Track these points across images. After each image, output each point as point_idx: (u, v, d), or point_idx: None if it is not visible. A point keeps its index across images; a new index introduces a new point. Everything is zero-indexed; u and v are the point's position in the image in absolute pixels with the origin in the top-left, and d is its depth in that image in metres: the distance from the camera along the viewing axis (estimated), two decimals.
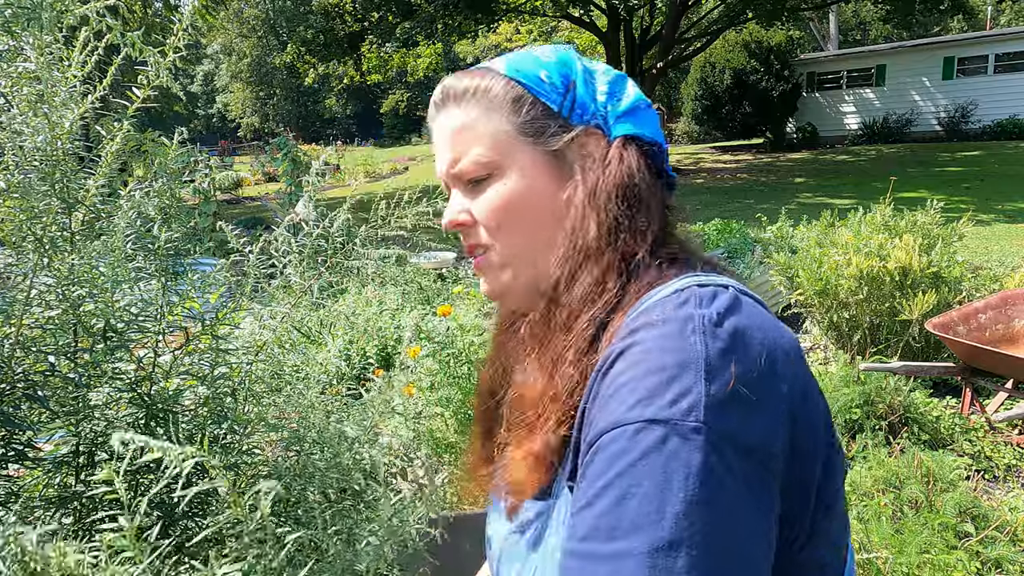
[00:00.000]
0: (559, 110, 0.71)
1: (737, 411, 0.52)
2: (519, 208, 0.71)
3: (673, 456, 0.50)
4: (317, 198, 1.46)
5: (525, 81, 0.72)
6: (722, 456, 0.50)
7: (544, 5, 18.01)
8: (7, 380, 1.01)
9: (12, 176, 1.03)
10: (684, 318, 0.57)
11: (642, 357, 0.55)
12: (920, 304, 3.78)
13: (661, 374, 0.53)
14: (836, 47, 26.64)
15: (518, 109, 0.71)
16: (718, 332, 0.55)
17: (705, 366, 0.53)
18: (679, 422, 0.51)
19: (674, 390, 0.52)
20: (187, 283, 1.20)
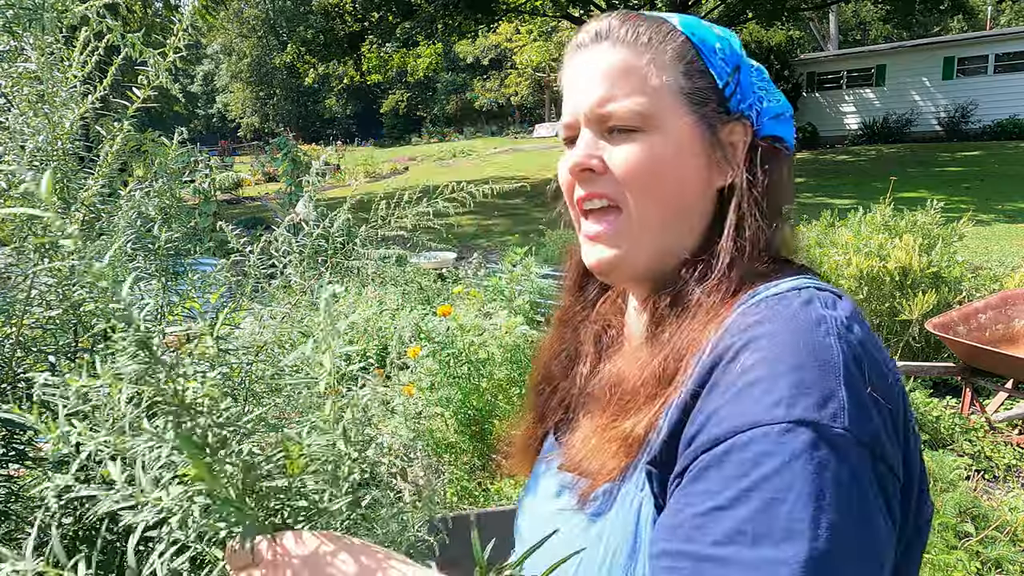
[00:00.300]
0: (723, 88, 0.68)
1: (872, 420, 0.51)
2: (664, 175, 0.66)
3: (824, 463, 0.48)
4: (317, 198, 1.46)
5: (702, 47, 0.68)
6: (865, 466, 0.49)
7: (544, 5, 18.01)
8: (7, 380, 1.01)
9: (12, 176, 1.03)
10: (816, 318, 0.55)
11: (777, 352, 0.53)
12: (920, 304, 3.78)
13: (801, 373, 0.51)
14: (836, 47, 26.64)
15: (689, 73, 0.67)
16: (850, 337, 0.54)
17: (844, 371, 0.51)
18: (828, 426, 0.49)
19: (818, 392, 0.50)
20: (187, 283, 1.20)
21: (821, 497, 0.47)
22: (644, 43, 0.67)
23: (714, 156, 0.68)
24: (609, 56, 0.68)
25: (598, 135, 0.68)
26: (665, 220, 0.67)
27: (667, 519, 0.54)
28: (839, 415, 0.49)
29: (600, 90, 0.67)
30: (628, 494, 0.63)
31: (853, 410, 0.50)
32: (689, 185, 0.67)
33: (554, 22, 21.50)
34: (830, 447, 0.49)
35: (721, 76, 0.68)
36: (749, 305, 0.61)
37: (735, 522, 0.49)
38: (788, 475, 0.48)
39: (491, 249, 8.80)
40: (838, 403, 0.50)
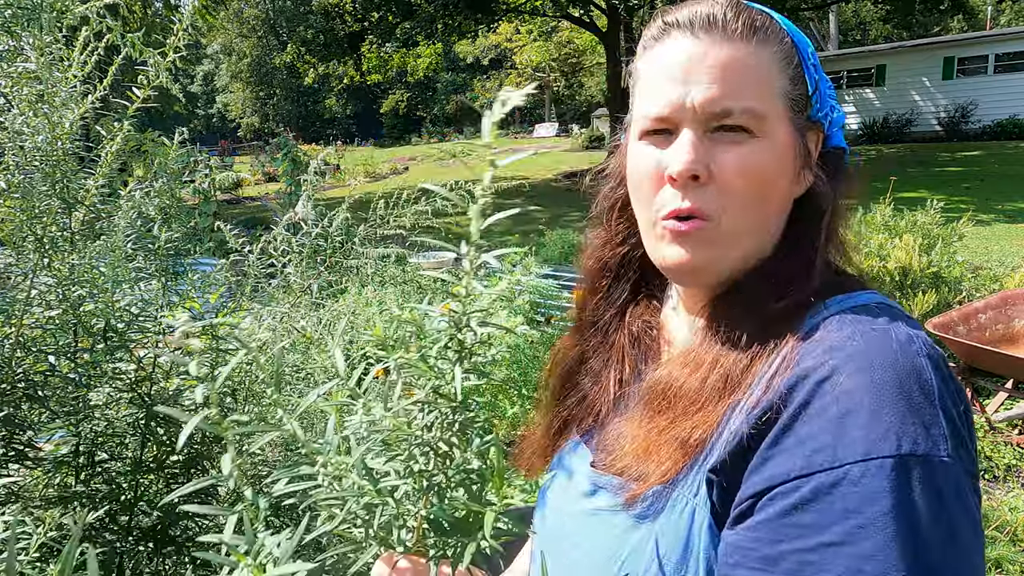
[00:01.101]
0: (811, 93, 0.67)
1: (966, 442, 0.52)
2: (767, 184, 0.64)
3: (940, 494, 0.48)
4: (317, 198, 1.46)
5: (804, 52, 0.67)
6: (969, 489, 0.50)
7: (544, 5, 18.02)
8: (7, 380, 1.01)
9: (13, 176, 1.03)
10: (907, 337, 0.54)
11: (877, 377, 0.51)
12: (920, 304, 3.78)
13: (906, 400, 0.50)
14: (836, 47, 26.64)
15: (794, 78, 0.66)
16: (936, 356, 0.54)
17: (939, 395, 0.51)
18: (937, 456, 0.49)
19: (923, 420, 0.50)
20: (187, 283, 1.20)
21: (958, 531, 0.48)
22: (761, 40, 0.64)
23: (800, 163, 0.67)
24: (726, 50, 0.63)
25: (701, 136, 0.63)
26: (753, 228, 0.65)
27: (760, 547, 0.52)
28: (941, 443, 0.49)
29: (716, 86, 0.62)
30: (680, 498, 0.61)
31: (953, 436, 0.50)
32: (781, 193, 0.66)
33: (554, 22, 21.51)
34: (943, 477, 0.48)
35: (812, 83, 0.67)
36: (826, 318, 0.60)
37: (852, 560, 0.47)
38: (907, 509, 0.47)
39: (491, 249, 8.79)
40: (940, 430, 0.50)
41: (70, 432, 1.06)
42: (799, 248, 0.65)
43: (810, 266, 0.63)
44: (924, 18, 23.27)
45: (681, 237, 0.65)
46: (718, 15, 0.64)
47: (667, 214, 0.65)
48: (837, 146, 0.71)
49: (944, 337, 3.33)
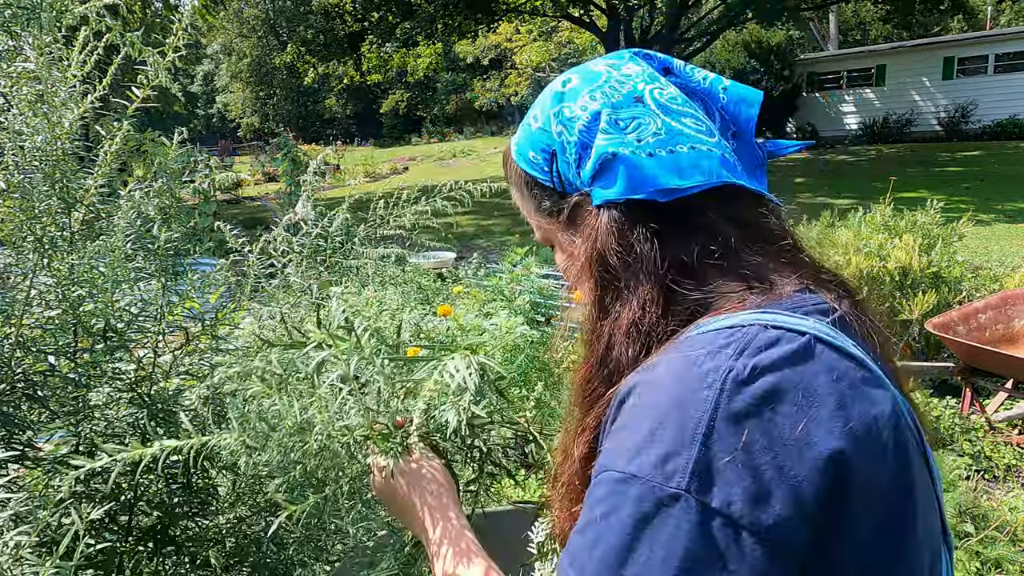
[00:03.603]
0: (552, 186, 0.74)
1: (729, 485, 0.49)
2: (568, 272, 0.76)
3: (645, 519, 0.50)
4: (316, 198, 1.45)
5: (524, 166, 0.76)
6: (700, 528, 0.48)
7: (544, 5, 18.01)
8: (7, 380, 1.01)
9: (12, 176, 1.03)
10: (708, 369, 0.53)
11: (649, 401, 0.55)
12: (920, 304, 3.78)
13: (657, 427, 0.52)
14: (836, 47, 26.63)
15: (531, 192, 0.77)
16: (743, 391, 0.51)
17: (706, 428, 0.50)
18: (660, 485, 0.50)
19: (664, 448, 0.51)
20: (187, 283, 1.20)
21: (631, 550, 0.50)
22: (509, 181, 0.80)
23: (576, 239, 0.72)
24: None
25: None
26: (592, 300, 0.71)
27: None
28: (677, 475, 0.50)
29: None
30: None
31: (702, 471, 0.49)
32: (578, 268, 0.72)
33: (554, 22, 21.51)
34: (656, 505, 0.50)
35: (546, 179, 0.74)
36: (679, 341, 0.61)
37: (573, 549, 0.55)
38: (612, 522, 0.52)
39: (491, 249, 8.79)
40: (682, 462, 0.50)
41: (70, 432, 1.06)
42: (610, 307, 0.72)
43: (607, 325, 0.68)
44: (924, 18, 23.25)
45: None
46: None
47: None
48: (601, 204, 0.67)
49: (944, 337, 3.33)
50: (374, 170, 20.70)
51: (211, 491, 1.24)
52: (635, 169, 0.64)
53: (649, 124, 0.66)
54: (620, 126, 0.66)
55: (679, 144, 0.65)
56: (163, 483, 1.18)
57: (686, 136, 0.66)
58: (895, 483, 0.53)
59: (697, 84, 0.72)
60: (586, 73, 0.72)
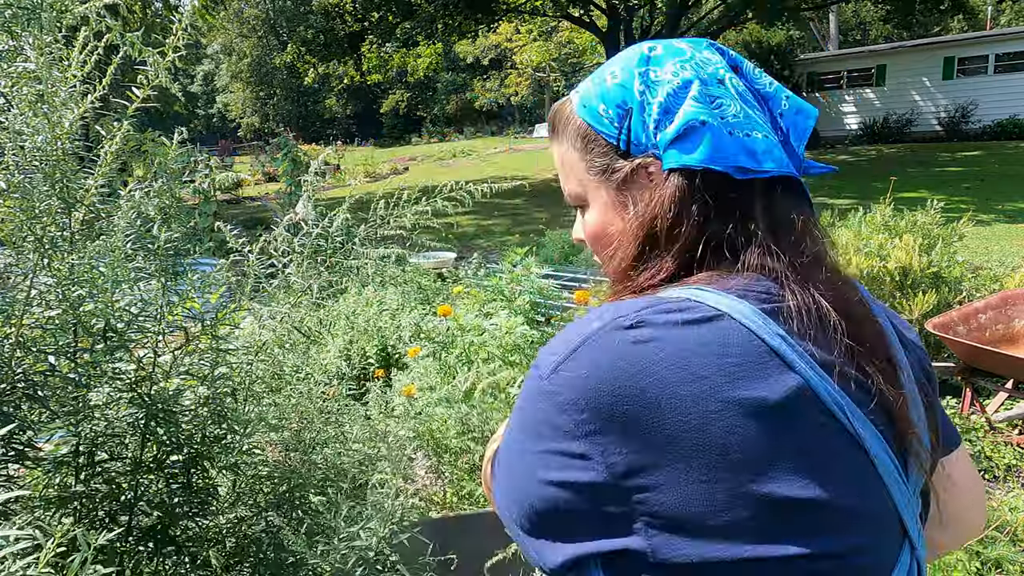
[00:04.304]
0: (617, 144, 0.74)
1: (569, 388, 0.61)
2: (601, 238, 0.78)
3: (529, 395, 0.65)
4: (317, 198, 1.45)
5: (588, 119, 0.76)
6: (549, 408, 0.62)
7: (544, 5, 18.01)
8: (7, 380, 1.01)
9: (12, 176, 1.03)
10: (610, 312, 0.64)
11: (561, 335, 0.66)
12: (920, 304, 3.78)
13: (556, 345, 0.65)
14: (836, 47, 26.63)
15: (587, 147, 0.76)
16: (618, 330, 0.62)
17: (576, 344, 0.62)
18: (541, 374, 0.64)
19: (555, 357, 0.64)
20: (187, 283, 1.20)
21: (522, 411, 0.66)
22: (559, 134, 0.80)
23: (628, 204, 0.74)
24: (553, 149, 0.82)
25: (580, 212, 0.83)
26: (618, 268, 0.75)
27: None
28: (550, 372, 0.63)
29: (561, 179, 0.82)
30: None
31: (564, 372, 0.62)
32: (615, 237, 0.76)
33: (554, 22, 21.51)
34: (537, 385, 0.64)
35: (612, 136, 0.74)
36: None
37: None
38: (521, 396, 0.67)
39: (491, 249, 8.79)
40: (555, 362, 0.63)
41: (70, 432, 1.06)
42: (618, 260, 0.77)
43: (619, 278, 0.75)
44: (924, 18, 23.25)
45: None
46: (547, 123, 0.84)
47: None
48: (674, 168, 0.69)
49: (944, 337, 3.34)
50: (374, 170, 20.70)
51: (211, 491, 1.24)
52: (719, 140, 0.68)
53: (730, 106, 0.70)
54: (708, 99, 0.70)
55: (755, 130, 0.69)
56: (163, 483, 1.18)
57: (760, 125, 0.70)
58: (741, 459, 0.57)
59: (763, 87, 0.75)
60: (669, 47, 0.75)
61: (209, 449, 1.19)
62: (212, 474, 1.24)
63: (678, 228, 0.69)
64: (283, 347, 1.36)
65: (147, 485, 1.16)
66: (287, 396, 1.42)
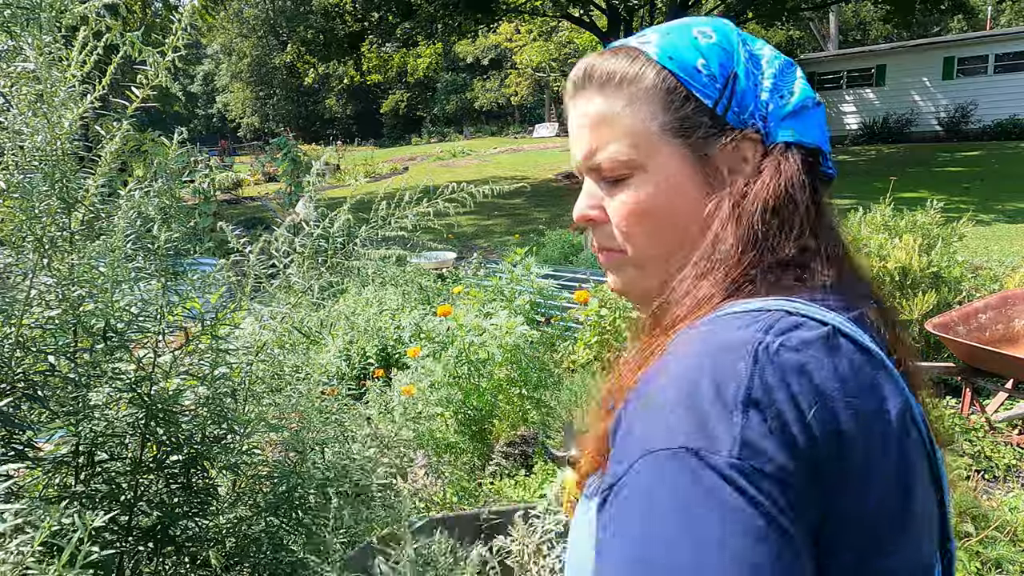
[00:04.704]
0: (714, 107, 0.64)
1: (769, 453, 0.48)
2: (659, 216, 0.65)
3: (708, 493, 0.47)
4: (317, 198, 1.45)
5: (679, 72, 0.64)
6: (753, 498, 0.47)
7: (544, 5, 18.03)
8: (7, 380, 1.01)
9: (12, 176, 1.03)
10: (740, 340, 0.52)
11: (681, 373, 0.52)
12: (920, 304, 3.78)
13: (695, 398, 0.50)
14: (836, 47, 26.63)
15: (669, 104, 0.64)
16: (776, 362, 0.51)
17: (744, 397, 0.49)
18: (709, 454, 0.48)
19: (708, 417, 0.49)
20: (187, 283, 1.20)
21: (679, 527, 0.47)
22: (617, 83, 0.66)
23: (714, 180, 0.64)
24: (589, 105, 0.67)
25: (597, 183, 0.69)
26: (668, 251, 0.65)
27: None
28: (727, 446, 0.48)
29: (585, 144, 0.67)
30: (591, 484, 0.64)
31: (749, 444, 0.48)
32: (685, 216, 0.64)
33: (554, 22, 21.52)
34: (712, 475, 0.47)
35: (710, 96, 0.64)
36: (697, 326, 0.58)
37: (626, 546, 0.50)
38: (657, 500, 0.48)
39: (491, 249, 8.80)
40: (729, 433, 0.48)
41: (70, 432, 1.06)
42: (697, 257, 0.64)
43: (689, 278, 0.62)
44: (924, 18, 23.27)
45: (605, 265, 0.72)
46: (582, 73, 0.69)
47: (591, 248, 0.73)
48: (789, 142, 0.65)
49: (944, 337, 3.33)
50: (374, 170, 20.71)
51: (211, 491, 1.24)
52: (823, 124, 0.67)
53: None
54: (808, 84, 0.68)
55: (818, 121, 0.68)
56: (163, 483, 1.18)
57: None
58: (893, 479, 0.53)
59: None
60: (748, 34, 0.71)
61: (209, 449, 1.18)
62: (212, 474, 1.24)
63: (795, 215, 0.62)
64: (283, 347, 1.36)
65: (147, 485, 1.16)
66: (287, 396, 1.42)
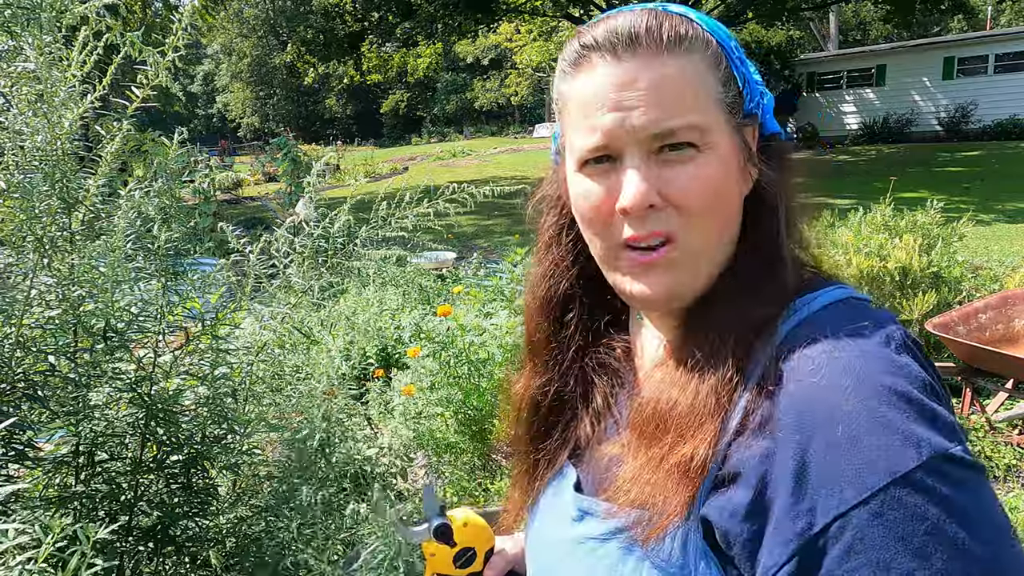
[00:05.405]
0: (742, 88, 0.64)
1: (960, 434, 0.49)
2: (722, 195, 0.62)
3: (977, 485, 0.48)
4: (317, 198, 1.45)
5: (729, 51, 0.63)
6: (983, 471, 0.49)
7: (544, 5, 18.02)
8: (7, 380, 1.01)
9: (12, 176, 1.03)
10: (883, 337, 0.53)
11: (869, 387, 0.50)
12: (920, 304, 3.78)
13: (906, 403, 0.49)
14: (836, 47, 26.64)
15: (725, 80, 0.63)
16: (912, 347, 0.54)
17: (930, 387, 0.50)
18: (954, 449, 0.48)
19: (929, 418, 0.48)
20: (187, 283, 1.20)
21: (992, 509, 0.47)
22: (687, 50, 0.61)
23: (743, 164, 0.64)
24: (655, 68, 0.60)
25: (647, 159, 0.61)
26: (715, 241, 0.63)
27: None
28: (949, 432, 0.48)
29: (653, 108, 0.59)
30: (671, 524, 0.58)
31: (954, 423, 0.49)
32: (735, 199, 0.64)
33: (554, 22, 21.52)
34: (968, 466, 0.48)
35: (741, 79, 0.64)
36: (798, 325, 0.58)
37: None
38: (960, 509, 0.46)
39: (491, 249, 8.80)
40: (946, 421, 0.49)
41: (70, 432, 1.06)
42: (761, 248, 0.63)
43: (777, 266, 0.61)
44: (924, 18, 23.27)
45: (646, 267, 0.63)
46: (640, 31, 0.61)
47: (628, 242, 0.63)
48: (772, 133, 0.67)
49: (944, 337, 3.33)
50: (374, 170, 20.71)
51: (211, 491, 1.24)
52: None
53: None
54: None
55: None
56: (163, 483, 1.18)
57: None
58: None
59: None
60: None
61: (209, 449, 1.18)
62: (212, 474, 1.24)
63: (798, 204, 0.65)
64: (283, 347, 1.36)
65: (147, 485, 1.16)
66: (287, 396, 1.42)
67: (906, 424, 0.48)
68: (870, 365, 0.51)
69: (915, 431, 0.47)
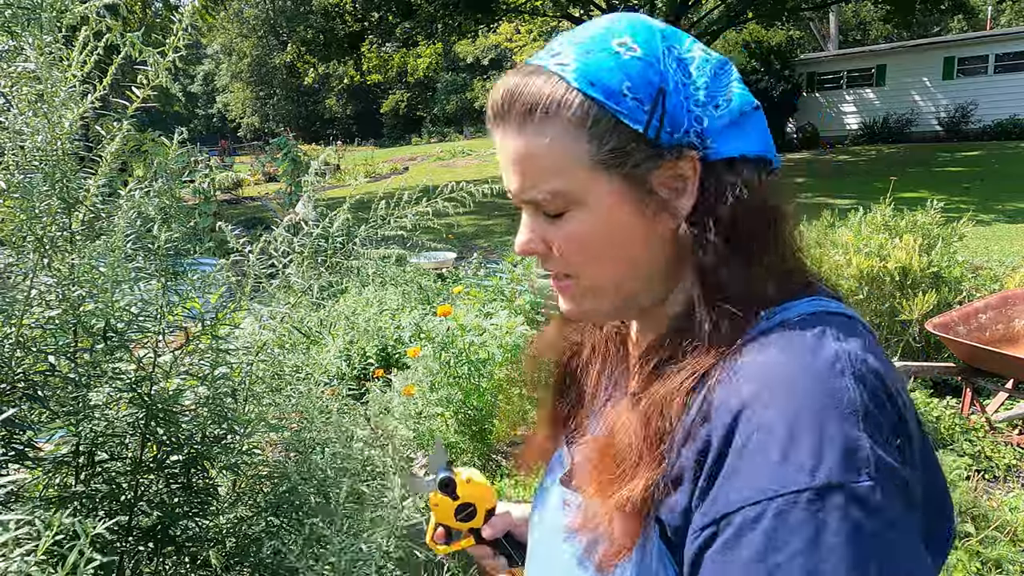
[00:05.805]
0: (645, 131, 0.59)
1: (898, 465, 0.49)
2: (601, 244, 0.62)
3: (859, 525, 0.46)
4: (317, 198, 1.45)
5: (603, 99, 0.59)
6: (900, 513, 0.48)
7: (544, 5, 18.03)
8: (7, 380, 1.01)
9: (12, 176, 1.03)
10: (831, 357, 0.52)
11: (792, 405, 0.50)
12: (920, 304, 3.78)
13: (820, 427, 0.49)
14: (836, 47, 26.64)
15: (596, 135, 0.59)
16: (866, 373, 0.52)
17: (864, 415, 0.49)
18: (857, 484, 0.47)
19: (841, 446, 0.48)
20: (187, 283, 1.20)
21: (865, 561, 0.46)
22: (542, 114, 0.60)
23: (653, 203, 0.61)
24: (512, 141, 0.62)
25: (535, 213, 0.65)
26: (619, 277, 0.64)
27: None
28: (866, 467, 0.48)
29: (516, 180, 0.63)
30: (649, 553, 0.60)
31: (880, 458, 0.48)
32: (630, 246, 0.62)
33: (554, 22, 21.53)
34: (862, 505, 0.47)
35: (639, 120, 0.59)
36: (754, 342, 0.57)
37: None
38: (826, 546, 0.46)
39: (491, 249, 8.80)
40: (864, 454, 0.48)
41: (70, 432, 1.06)
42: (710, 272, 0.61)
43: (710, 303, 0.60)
44: (924, 18, 23.28)
45: (558, 292, 0.69)
46: (499, 105, 0.63)
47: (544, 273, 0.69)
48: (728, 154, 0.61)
49: (944, 337, 3.33)
50: (374, 170, 20.72)
51: (211, 491, 1.24)
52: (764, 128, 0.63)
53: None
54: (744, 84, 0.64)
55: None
56: (163, 483, 1.18)
57: None
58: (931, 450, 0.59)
59: None
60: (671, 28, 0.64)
61: (209, 449, 1.18)
62: (212, 474, 1.24)
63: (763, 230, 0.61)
64: (283, 347, 1.36)
65: (147, 485, 1.16)
66: (287, 396, 1.42)
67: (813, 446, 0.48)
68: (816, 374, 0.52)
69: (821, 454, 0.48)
